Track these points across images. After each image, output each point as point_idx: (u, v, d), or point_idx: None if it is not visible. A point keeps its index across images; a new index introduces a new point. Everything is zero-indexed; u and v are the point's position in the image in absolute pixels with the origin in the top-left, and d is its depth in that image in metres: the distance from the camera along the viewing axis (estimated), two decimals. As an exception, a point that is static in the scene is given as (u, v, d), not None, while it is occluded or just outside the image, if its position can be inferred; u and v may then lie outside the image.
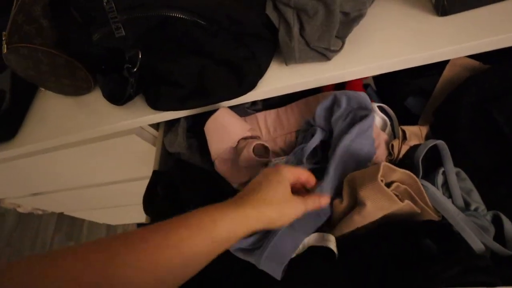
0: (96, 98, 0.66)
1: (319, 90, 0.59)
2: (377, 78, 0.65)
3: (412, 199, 0.41)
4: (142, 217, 1.51)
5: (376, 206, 0.39)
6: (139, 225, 0.52)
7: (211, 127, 0.51)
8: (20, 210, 1.43)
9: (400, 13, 0.51)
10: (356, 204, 0.43)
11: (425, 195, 0.41)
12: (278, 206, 0.38)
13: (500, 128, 0.45)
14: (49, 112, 0.71)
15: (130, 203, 1.20)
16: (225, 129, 0.50)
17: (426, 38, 0.48)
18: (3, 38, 0.54)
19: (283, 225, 0.40)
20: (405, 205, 0.40)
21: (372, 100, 0.62)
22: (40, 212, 1.70)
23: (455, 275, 0.35)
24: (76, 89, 0.65)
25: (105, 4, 0.42)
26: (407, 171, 0.40)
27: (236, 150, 0.51)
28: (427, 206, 0.41)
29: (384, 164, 0.40)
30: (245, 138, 0.52)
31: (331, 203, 0.45)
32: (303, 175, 0.43)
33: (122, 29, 0.43)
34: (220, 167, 0.53)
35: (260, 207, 0.37)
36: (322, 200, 0.42)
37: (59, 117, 0.69)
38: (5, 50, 0.54)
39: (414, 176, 0.40)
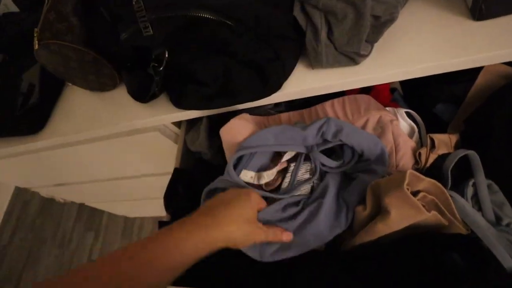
0: (121, 95, 0.67)
1: (344, 92, 0.58)
2: (405, 82, 0.63)
3: (439, 210, 0.40)
4: (158, 211, 1.55)
5: (401, 215, 0.37)
6: (160, 222, 0.53)
7: (224, 135, 0.50)
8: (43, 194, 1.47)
9: (432, 17, 0.49)
10: (379, 212, 0.42)
11: (453, 206, 0.40)
12: (244, 226, 0.39)
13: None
14: (75, 107, 0.73)
15: (148, 197, 1.23)
16: (238, 137, 0.50)
17: (460, 44, 0.46)
18: (35, 35, 0.55)
19: (244, 247, 0.41)
20: (431, 216, 0.38)
21: (399, 105, 0.60)
22: (62, 201, 1.76)
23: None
24: (101, 85, 0.66)
25: (134, 3, 0.42)
26: (435, 181, 0.39)
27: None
28: (455, 218, 0.40)
29: (410, 171, 0.38)
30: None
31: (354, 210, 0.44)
32: (263, 204, 0.45)
33: (150, 28, 0.43)
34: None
35: (227, 226, 0.38)
36: (284, 236, 0.43)
37: (85, 112, 0.71)
38: (36, 46, 0.55)
39: (442, 187, 0.39)
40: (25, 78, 0.78)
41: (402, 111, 0.53)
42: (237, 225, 0.38)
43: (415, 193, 0.39)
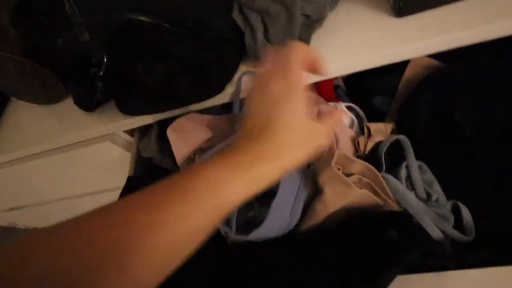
0: (69, 106, 0.66)
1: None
2: (347, 79, 0.67)
3: (374, 191, 0.43)
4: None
5: (334, 192, 0.40)
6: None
7: (172, 135, 0.51)
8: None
9: (361, 15, 0.53)
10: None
11: (386, 187, 0.42)
12: (302, 144, 0.30)
13: (457, 122, 0.47)
14: (22, 122, 0.71)
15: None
16: (185, 137, 0.50)
17: (386, 39, 0.50)
18: (-31, 47, 0.54)
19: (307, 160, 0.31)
20: (365, 195, 0.40)
21: (342, 100, 0.64)
22: (22, 227, 1.65)
23: (415, 259, 0.37)
24: (47, 97, 0.65)
25: (67, 8, 0.42)
26: (366, 163, 0.42)
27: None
28: (389, 197, 0.42)
29: (339, 152, 0.41)
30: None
31: None
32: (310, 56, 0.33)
33: (86, 33, 0.43)
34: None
35: (282, 155, 0.29)
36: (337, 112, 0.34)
37: (32, 126, 0.69)
38: (-28, 59, 0.54)
39: (374, 169, 0.41)
40: (-34, 96, 0.75)
41: (342, 105, 0.56)
42: (294, 150, 0.29)
43: (349, 175, 0.41)
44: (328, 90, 0.62)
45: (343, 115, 0.37)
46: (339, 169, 0.39)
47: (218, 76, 0.51)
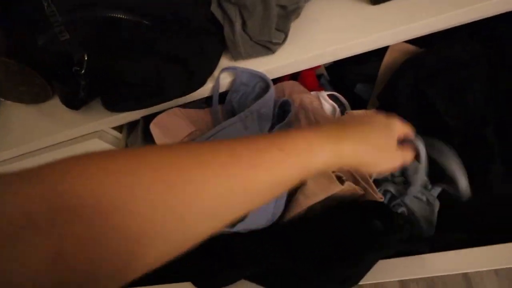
0: (56, 105, 0.66)
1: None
2: (329, 68, 0.68)
3: (354, 179, 0.44)
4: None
5: (317, 185, 0.41)
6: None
7: (154, 130, 0.52)
8: None
9: (338, 4, 0.54)
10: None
11: (367, 176, 0.44)
12: (378, 153, 0.34)
13: (433, 103, 0.48)
14: (9, 122, 0.71)
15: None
16: (168, 132, 0.51)
17: (363, 26, 0.51)
18: (-48, 49, 0.54)
19: (373, 173, 0.38)
20: (346, 187, 0.42)
21: (326, 89, 0.65)
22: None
23: (394, 244, 0.38)
24: (34, 97, 0.65)
25: (46, 8, 0.43)
26: None
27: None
28: (369, 186, 0.44)
29: None
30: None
31: None
32: (410, 132, 0.39)
33: (66, 32, 0.44)
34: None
35: (359, 145, 0.32)
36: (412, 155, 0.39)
37: (20, 126, 0.69)
38: (-45, 61, 0.54)
39: None
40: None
41: (324, 94, 0.57)
42: (370, 151, 0.33)
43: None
44: (311, 79, 0.63)
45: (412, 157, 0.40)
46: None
47: (199, 69, 0.52)
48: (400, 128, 0.37)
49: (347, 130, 0.33)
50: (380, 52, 0.56)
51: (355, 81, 0.61)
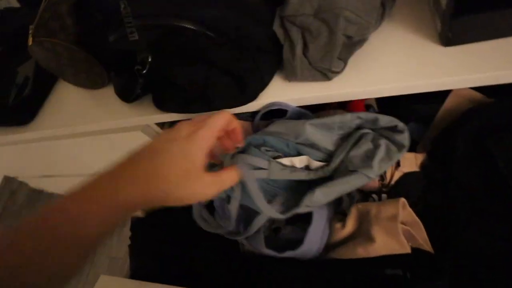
0: (109, 94, 0.69)
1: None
2: (380, 100, 0.66)
3: (413, 239, 0.42)
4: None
5: (385, 246, 0.39)
6: (134, 218, 0.55)
7: None
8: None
9: (404, 40, 0.52)
10: (359, 232, 0.43)
11: (426, 235, 0.42)
12: (180, 185, 0.30)
13: (495, 162, 0.45)
14: (65, 102, 0.76)
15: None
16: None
17: (429, 67, 0.48)
18: (30, 32, 0.58)
19: (190, 203, 0.33)
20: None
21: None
22: (49, 192, 1.77)
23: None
24: (91, 83, 0.69)
25: (122, 9, 0.45)
26: (413, 214, 0.41)
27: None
28: (426, 244, 0.42)
29: (402, 201, 0.40)
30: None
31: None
32: (220, 125, 0.35)
33: (136, 34, 0.46)
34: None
35: (154, 187, 0.30)
36: (235, 175, 0.35)
37: (74, 108, 0.73)
38: (30, 42, 0.58)
39: (418, 221, 0.41)
40: (21, 71, 0.81)
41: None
42: (168, 185, 0.30)
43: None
44: (359, 110, 0.62)
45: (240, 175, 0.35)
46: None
47: (252, 85, 0.52)
48: (206, 142, 0.32)
49: (136, 172, 0.31)
50: (440, 93, 0.54)
51: (408, 119, 0.59)
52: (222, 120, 0.36)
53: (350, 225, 0.43)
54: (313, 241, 0.42)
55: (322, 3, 0.45)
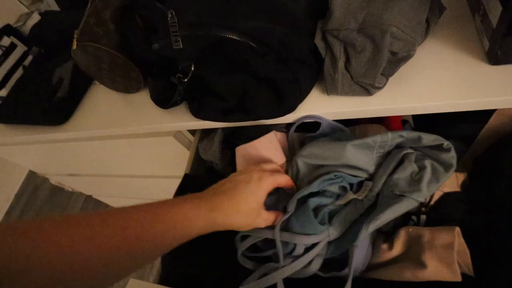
0: (143, 98, 0.71)
1: (355, 120, 0.60)
2: (416, 115, 0.65)
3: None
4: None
5: (436, 273, 0.38)
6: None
7: (243, 152, 0.53)
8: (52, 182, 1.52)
9: (449, 56, 0.51)
10: (407, 256, 0.42)
11: (470, 262, 0.40)
12: (246, 218, 0.41)
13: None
14: (99, 104, 0.77)
15: (153, 198, 1.25)
16: (251, 158, 0.52)
17: (474, 85, 0.47)
18: (75, 36, 0.60)
19: (247, 229, 0.44)
20: None
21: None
22: (70, 190, 1.81)
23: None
24: (127, 88, 0.70)
25: (169, 18, 0.45)
26: (463, 242, 0.40)
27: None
28: (470, 271, 0.40)
29: (457, 230, 0.40)
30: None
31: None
32: (283, 182, 0.46)
33: (180, 43, 0.46)
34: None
35: (229, 216, 0.40)
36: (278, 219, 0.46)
37: (108, 110, 0.75)
38: (74, 46, 0.60)
39: (466, 248, 0.40)
40: (57, 73, 0.84)
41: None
42: (239, 217, 0.41)
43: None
44: (396, 125, 0.61)
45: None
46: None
47: (291, 97, 0.52)
48: (270, 185, 0.44)
49: (220, 202, 0.40)
50: (482, 112, 0.52)
51: (447, 137, 0.57)
52: (285, 180, 0.47)
53: (398, 247, 0.42)
54: (358, 262, 0.41)
55: (367, 18, 0.45)
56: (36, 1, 1.02)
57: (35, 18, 0.97)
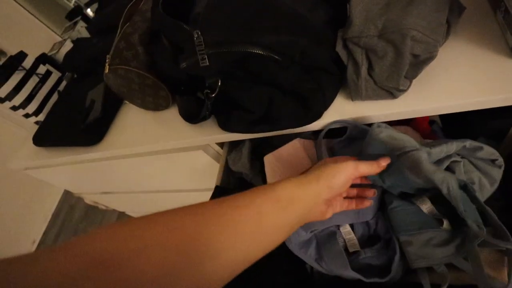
0: (172, 115, 0.74)
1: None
2: (444, 114, 0.64)
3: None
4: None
5: None
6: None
7: (270, 161, 0.54)
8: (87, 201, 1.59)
9: (472, 54, 0.51)
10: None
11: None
12: (321, 205, 0.40)
13: None
14: (130, 123, 0.81)
15: (185, 211, 1.28)
16: (281, 166, 0.53)
17: (501, 81, 0.47)
18: (107, 61, 0.64)
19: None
20: None
21: (438, 137, 0.61)
22: (103, 207, 1.88)
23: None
24: (156, 106, 0.73)
25: (195, 38, 0.48)
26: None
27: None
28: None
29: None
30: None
31: None
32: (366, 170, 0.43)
33: (207, 60, 0.49)
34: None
35: (328, 193, 0.39)
36: (365, 203, 0.46)
37: (139, 129, 0.78)
38: (107, 70, 0.64)
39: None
40: (89, 96, 0.89)
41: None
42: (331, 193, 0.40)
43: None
44: (424, 125, 0.60)
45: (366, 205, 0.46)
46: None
47: (316, 105, 0.53)
48: (351, 174, 0.41)
49: (320, 181, 0.39)
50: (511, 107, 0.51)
51: (477, 134, 0.56)
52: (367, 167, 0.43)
53: (502, 276, 0.41)
54: (399, 268, 0.41)
55: (387, 23, 0.46)
56: (68, 30, 1.10)
57: (68, 45, 1.04)
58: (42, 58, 1.02)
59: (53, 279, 0.22)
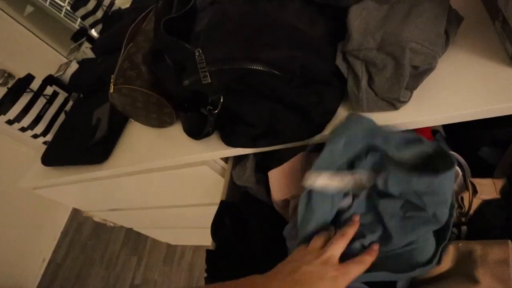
0: (176, 131, 0.75)
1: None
2: (447, 124, 0.64)
3: None
4: (199, 240, 1.60)
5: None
6: (208, 251, 0.57)
7: (275, 176, 0.54)
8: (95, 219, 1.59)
9: (473, 64, 0.51)
10: (457, 271, 0.41)
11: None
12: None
13: None
14: (136, 141, 0.82)
15: (191, 226, 1.28)
16: (284, 182, 0.53)
17: (501, 90, 0.47)
18: (111, 80, 0.65)
19: None
20: None
21: (442, 147, 0.61)
22: (112, 224, 1.89)
23: None
24: (160, 123, 0.74)
25: (196, 56, 0.49)
26: None
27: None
28: None
29: (510, 245, 0.39)
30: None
31: None
32: (358, 273, 0.41)
33: (209, 77, 0.50)
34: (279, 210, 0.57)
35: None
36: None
37: (144, 146, 0.79)
38: (111, 90, 0.65)
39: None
40: (95, 114, 0.90)
41: (444, 154, 0.53)
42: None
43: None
44: (426, 135, 0.60)
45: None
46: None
47: (318, 118, 0.53)
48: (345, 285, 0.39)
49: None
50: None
51: (481, 143, 0.56)
52: (359, 270, 0.41)
53: (447, 263, 0.41)
54: (406, 280, 0.41)
55: (385, 36, 0.47)
56: (74, 51, 1.13)
57: (74, 66, 1.07)
58: (49, 80, 1.04)
59: None
